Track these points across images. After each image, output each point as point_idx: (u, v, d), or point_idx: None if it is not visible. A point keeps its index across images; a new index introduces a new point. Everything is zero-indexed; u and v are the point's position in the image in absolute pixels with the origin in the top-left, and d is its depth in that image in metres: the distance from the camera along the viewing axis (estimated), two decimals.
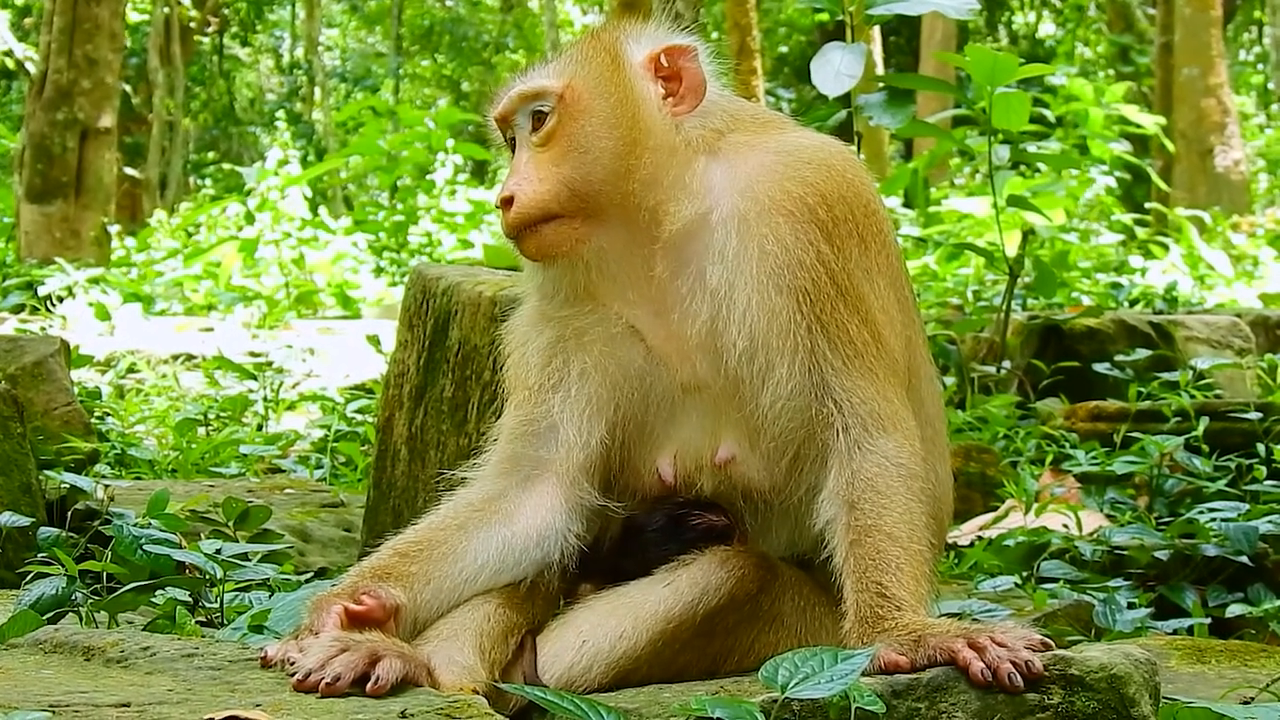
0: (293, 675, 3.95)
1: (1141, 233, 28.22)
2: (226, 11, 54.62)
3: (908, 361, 4.75)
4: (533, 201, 4.61)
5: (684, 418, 4.73)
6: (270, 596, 5.57)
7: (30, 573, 5.73)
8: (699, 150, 4.71)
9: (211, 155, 56.43)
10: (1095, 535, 7.45)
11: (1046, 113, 24.59)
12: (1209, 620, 6.70)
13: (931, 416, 4.92)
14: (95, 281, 22.27)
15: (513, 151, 4.80)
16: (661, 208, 4.63)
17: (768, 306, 4.54)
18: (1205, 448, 8.68)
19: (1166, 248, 26.19)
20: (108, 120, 26.99)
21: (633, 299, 4.71)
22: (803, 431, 4.56)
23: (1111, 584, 6.93)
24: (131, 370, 16.08)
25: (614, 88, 4.71)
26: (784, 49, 54.24)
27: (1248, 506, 7.54)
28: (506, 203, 4.64)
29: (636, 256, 4.67)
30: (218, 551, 5.78)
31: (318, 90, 56.83)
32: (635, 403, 4.74)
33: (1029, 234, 16.13)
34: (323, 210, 34.86)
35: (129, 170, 41.62)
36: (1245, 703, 4.53)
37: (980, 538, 7.86)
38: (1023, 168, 22.81)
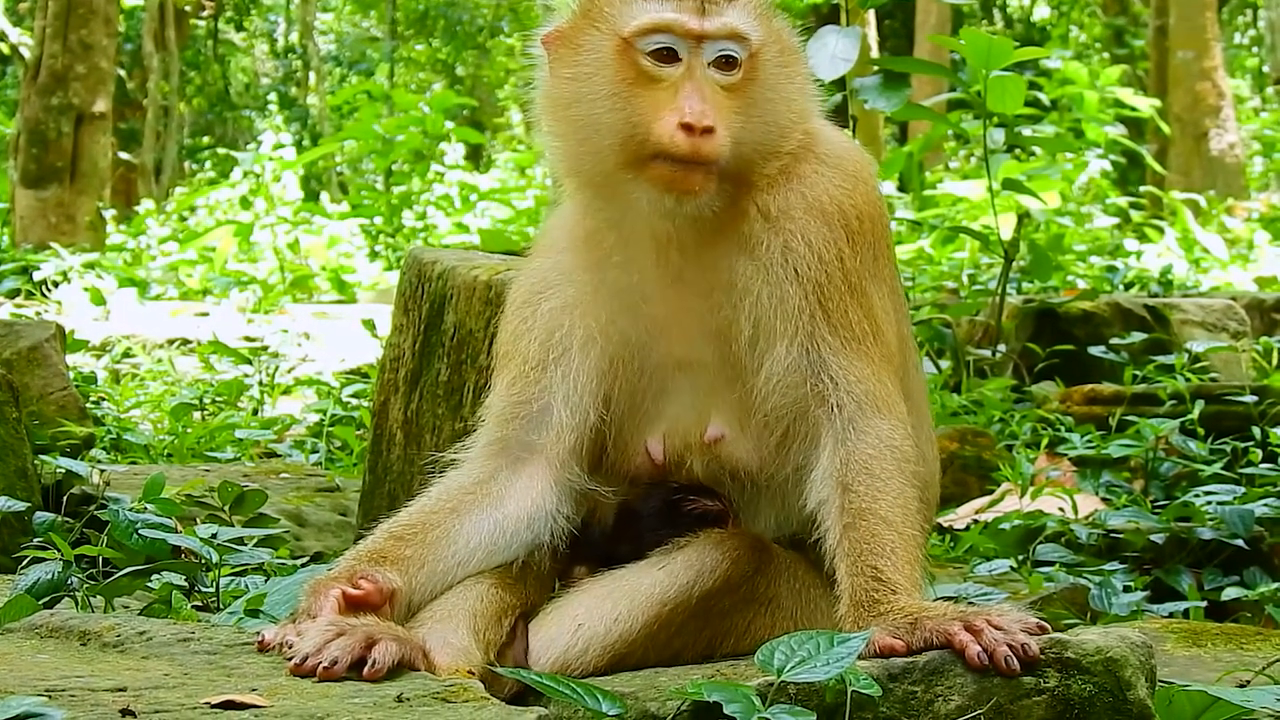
0: (289, 659, 3.96)
1: (1136, 216, 28.22)
2: None
3: (903, 359, 4.79)
4: (725, 144, 4.50)
5: (675, 394, 4.75)
6: (266, 581, 5.56)
7: (26, 557, 5.72)
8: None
9: (206, 140, 56.31)
10: (1091, 519, 7.46)
11: (1041, 96, 24.63)
12: (1205, 603, 6.72)
13: (919, 405, 4.96)
14: (90, 266, 22.26)
15: (655, 62, 4.57)
16: (757, 195, 4.65)
17: (779, 295, 4.56)
18: (1201, 431, 8.69)
19: (1162, 231, 26.20)
20: (102, 105, 26.99)
21: (656, 262, 4.69)
22: (795, 409, 4.58)
23: (1107, 567, 6.93)
24: (127, 355, 16.07)
25: (797, 65, 4.79)
26: None
27: (1243, 489, 7.57)
28: (707, 130, 4.46)
29: (691, 223, 4.63)
30: (213, 536, 5.77)
31: (313, 75, 56.75)
32: (631, 374, 4.75)
33: (1024, 217, 16.12)
34: (324, 196, 34.89)
35: (124, 155, 41.56)
36: (1241, 685, 4.54)
37: (976, 521, 7.87)
38: (1018, 151, 22.72)
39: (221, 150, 49.52)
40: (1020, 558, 7.18)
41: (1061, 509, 7.64)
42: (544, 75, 4.79)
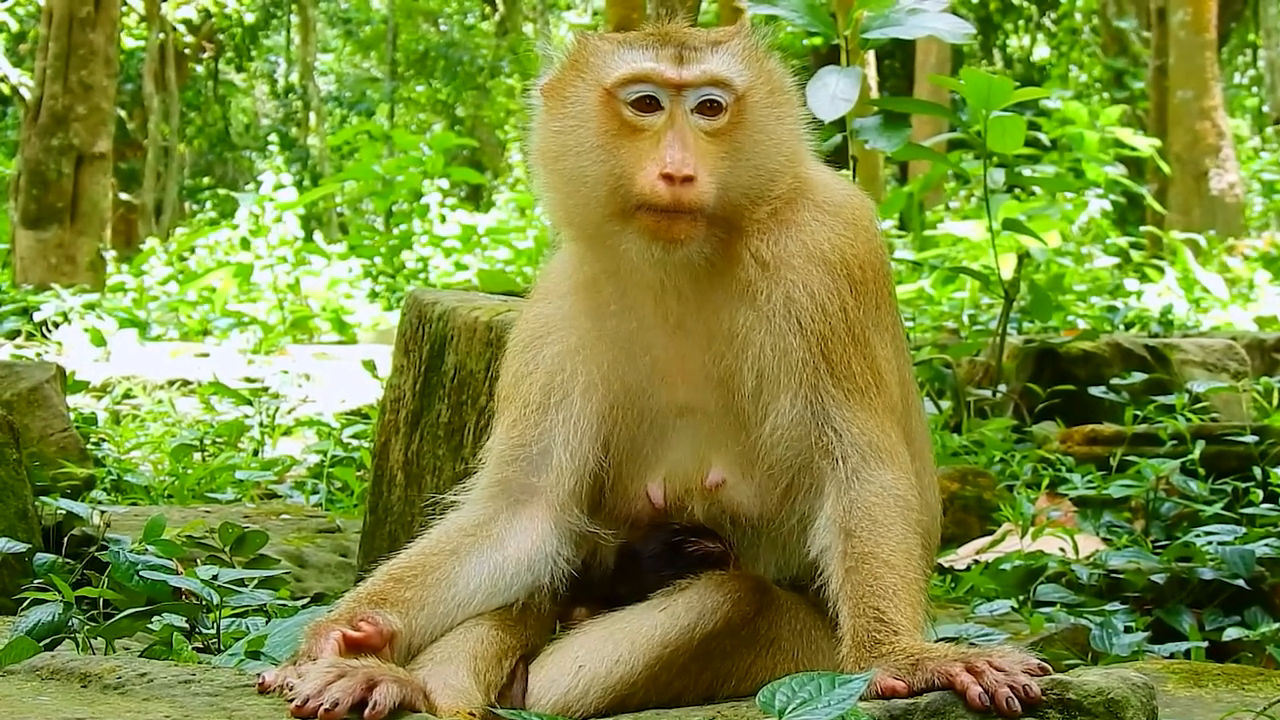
0: (291, 701, 3.96)
1: (1137, 256, 28.26)
2: (221, 37, 54.62)
3: (904, 404, 4.79)
4: (708, 191, 4.49)
5: (675, 439, 4.74)
6: (267, 622, 5.56)
7: (27, 599, 5.71)
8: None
9: (207, 180, 56.39)
10: (1092, 559, 7.45)
11: (1041, 136, 24.66)
12: (1206, 644, 6.69)
13: (921, 450, 4.95)
14: (91, 307, 22.24)
15: (637, 111, 4.58)
16: (750, 240, 4.63)
17: (781, 346, 4.55)
18: (1201, 471, 8.68)
19: (1162, 271, 26.23)
20: (103, 146, 26.98)
21: (655, 310, 4.69)
22: (799, 460, 4.58)
23: (1108, 608, 6.93)
24: (127, 396, 16.06)
25: (788, 107, 4.76)
26: None
27: (1244, 530, 7.55)
28: (687, 179, 4.45)
29: (684, 270, 4.64)
30: (214, 577, 5.76)
31: (313, 115, 56.86)
32: (631, 420, 4.74)
33: (1024, 257, 16.15)
34: (318, 235, 34.90)
35: (124, 195, 41.60)
36: None
37: (977, 561, 7.86)
38: (1018, 191, 22.80)
39: (222, 191, 49.59)
40: (1021, 598, 7.17)
41: (1062, 549, 7.62)
42: (537, 126, 4.79)
